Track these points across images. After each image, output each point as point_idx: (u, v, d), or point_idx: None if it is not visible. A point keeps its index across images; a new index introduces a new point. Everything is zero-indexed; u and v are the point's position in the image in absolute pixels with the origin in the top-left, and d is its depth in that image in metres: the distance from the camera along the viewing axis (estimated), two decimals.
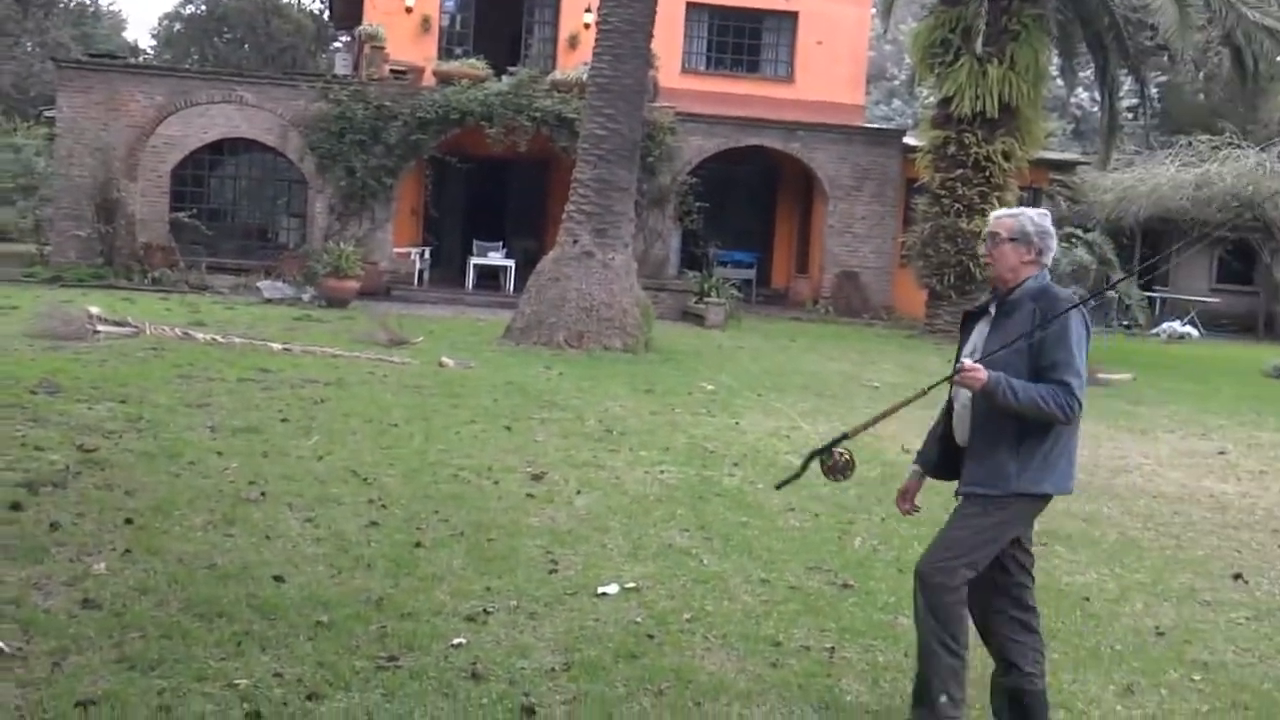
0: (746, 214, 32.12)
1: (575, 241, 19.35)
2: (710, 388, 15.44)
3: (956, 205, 25.49)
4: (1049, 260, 5.28)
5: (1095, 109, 39.10)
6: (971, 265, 25.02)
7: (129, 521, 7.63)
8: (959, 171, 25.51)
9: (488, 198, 31.05)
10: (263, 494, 8.52)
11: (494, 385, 14.35)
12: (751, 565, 7.66)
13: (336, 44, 47.44)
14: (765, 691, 5.61)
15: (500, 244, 29.12)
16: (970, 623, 5.26)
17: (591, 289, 19.01)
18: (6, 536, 7.17)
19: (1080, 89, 40.85)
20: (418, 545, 7.58)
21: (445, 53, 30.41)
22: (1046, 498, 5.22)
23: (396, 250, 28.15)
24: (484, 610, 6.45)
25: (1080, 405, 5.02)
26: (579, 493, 9.30)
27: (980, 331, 5.33)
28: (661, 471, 10.22)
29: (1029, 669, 5.26)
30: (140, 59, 47.69)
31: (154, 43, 61.40)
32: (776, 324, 26.08)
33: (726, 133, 29.22)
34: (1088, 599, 7.46)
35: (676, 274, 28.78)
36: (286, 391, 12.89)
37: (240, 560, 7.01)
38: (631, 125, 19.72)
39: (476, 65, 28.20)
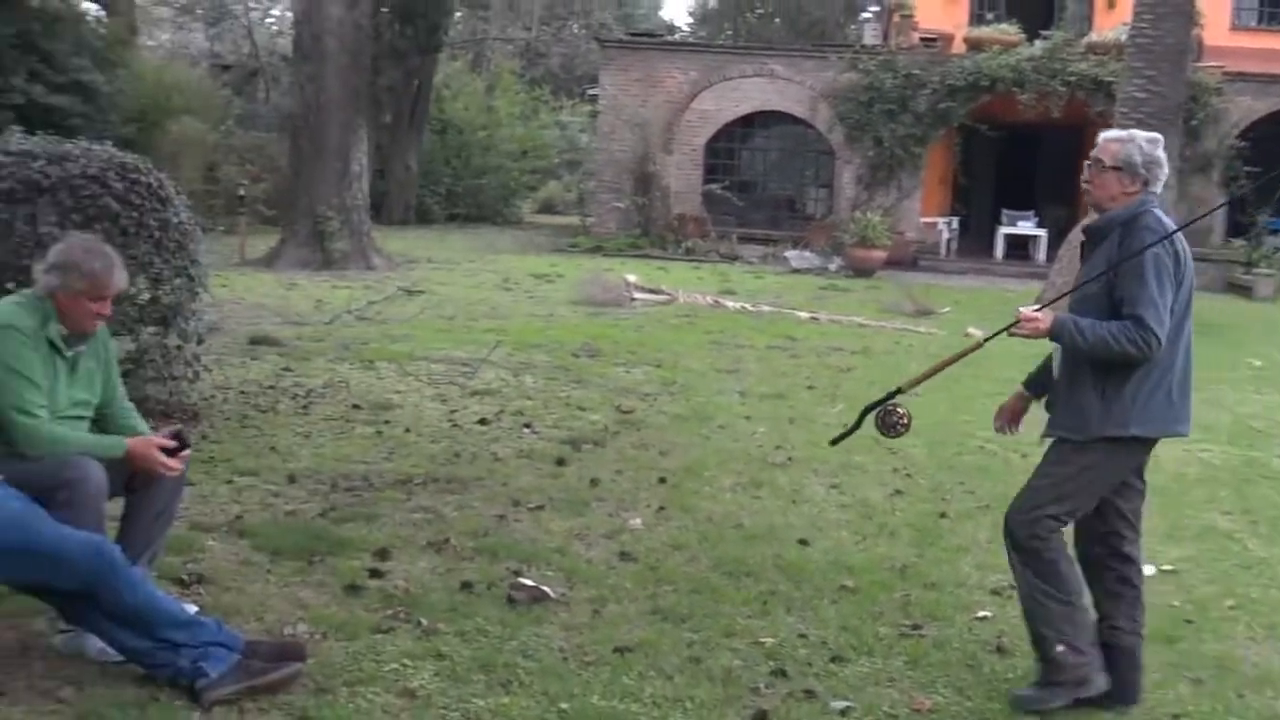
0: None
1: None
2: (1258, 364, 14.50)
3: None
4: (1158, 189, 4.83)
5: None
6: None
7: (662, 480, 7.93)
8: None
9: (1018, 165, 30.27)
10: (789, 459, 8.66)
11: (1021, 356, 13.94)
12: None
13: (866, 14, 47.48)
14: None
15: (1031, 212, 28.39)
16: (1077, 568, 4.93)
17: None
18: (553, 490, 7.61)
19: None
20: (942, 516, 7.50)
21: (976, 19, 29.86)
22: (1139, 441, 4.80)
23: (924, 220, 27.97)
24: (1009, 585, 6.26)
25: (1158, 340, 4.57)
26: None
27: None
28: (1202, 450, 9.66)
29: (1120, 623, 4.94)
30: (676, 36, 49.42)
31: (690, 20, 63.51)
32: None
33: None
34: None
35: (1222, 243, 27.12)
36: (813, 359, 13.06)
37: (767, 522, 7.15)
38: (1173, 87, 18.71)
39: (1008, 30, 27.54)
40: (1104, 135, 4.97)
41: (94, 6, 28.52)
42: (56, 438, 4.88)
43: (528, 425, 9.39)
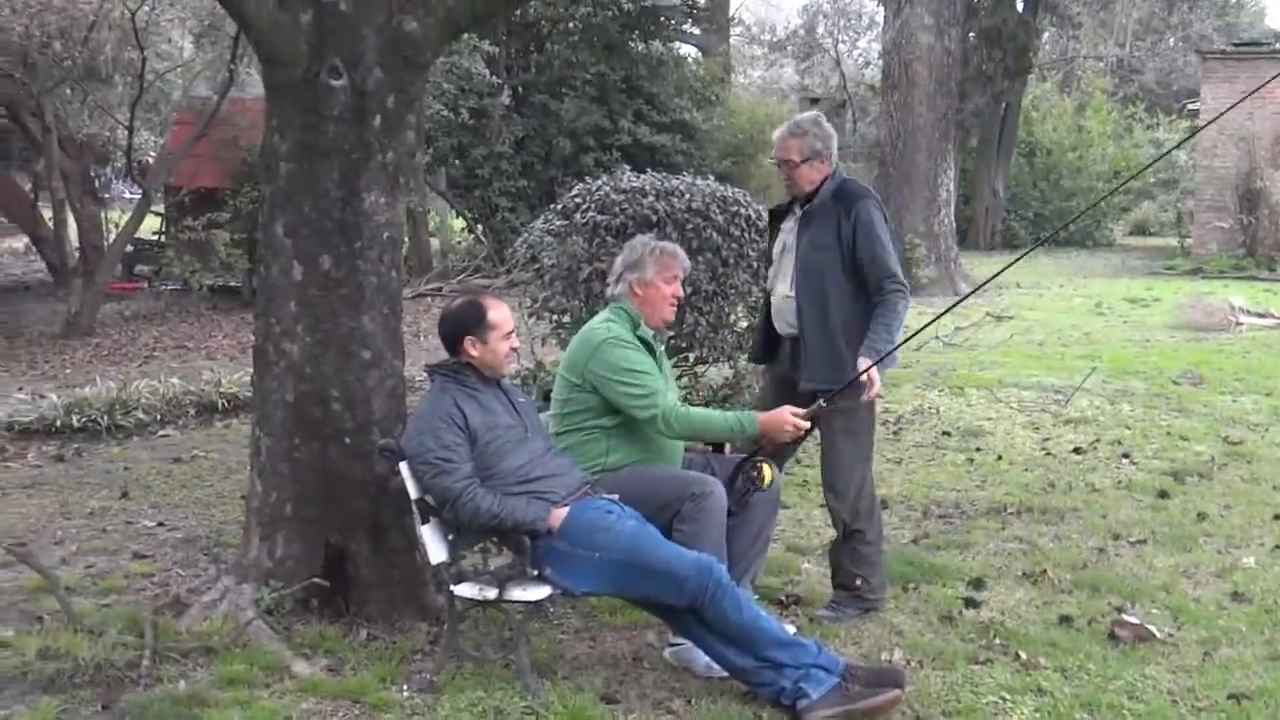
0: None
1: None
2: None
3: None
4: (836, 157, 5.52)
5: None
6: None
7: (1277, 517, 7.41)
8: None
9: None
10: None
11: None
12: None
13: None
14: None
15: None
16: (880, 515, 5.79)
17: None
18: (1155, 524, 7.27)
19: None
20: None
21: None
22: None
23: None
24: None
25: (906, 285, 5.40)
26: None
27: (790, 230, 5.63)
28: None
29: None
30: None
31: None
32: None
33: None
34: None
35: None
36: None
37: None
38: None
39: None
40: (777, 134, 5.58)
41: (693, 50, 30.03)
42: (686, 416, 5.16)
43: (1126, 455, 9.03)
